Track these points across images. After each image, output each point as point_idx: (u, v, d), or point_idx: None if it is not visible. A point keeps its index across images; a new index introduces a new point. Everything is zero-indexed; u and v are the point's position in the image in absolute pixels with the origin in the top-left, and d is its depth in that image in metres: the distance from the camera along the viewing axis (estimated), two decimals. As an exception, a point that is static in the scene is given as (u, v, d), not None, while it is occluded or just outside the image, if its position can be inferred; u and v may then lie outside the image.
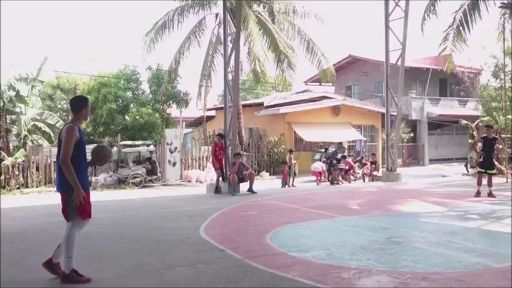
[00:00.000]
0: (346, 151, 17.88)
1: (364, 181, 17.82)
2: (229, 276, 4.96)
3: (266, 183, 18.59)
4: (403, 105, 22.17)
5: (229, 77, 14.75)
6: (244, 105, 23.86)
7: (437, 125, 30.56)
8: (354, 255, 5.70)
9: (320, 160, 19.47)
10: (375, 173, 17.91)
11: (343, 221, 8.31)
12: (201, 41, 22.68)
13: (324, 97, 25.74)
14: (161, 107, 25.97)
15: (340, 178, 17.66)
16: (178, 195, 14.24)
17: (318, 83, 33.54)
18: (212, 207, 10.29)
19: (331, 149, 20.03)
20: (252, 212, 9.89)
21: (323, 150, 20.60)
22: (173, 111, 27.66)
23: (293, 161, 17.76)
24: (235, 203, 11.06)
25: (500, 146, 10.93)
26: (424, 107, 29.97)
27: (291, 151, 18.50)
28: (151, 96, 26.34)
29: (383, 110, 20.37)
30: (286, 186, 16.88)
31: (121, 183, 17.98)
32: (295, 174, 17.76)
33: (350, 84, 34.79)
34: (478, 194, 11.34)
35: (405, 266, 5.21)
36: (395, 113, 17.53)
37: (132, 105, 25.51)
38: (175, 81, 24.83)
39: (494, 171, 11.55)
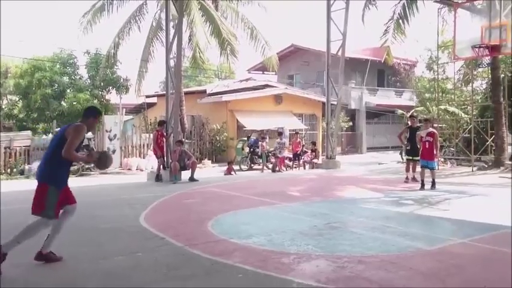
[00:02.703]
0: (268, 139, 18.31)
1: (304, 168, 18.17)
2: (169, 264, 4.90)
3: (208, 171, 18.51)
4: (343, 94, 22.74)
5: (172, 63, 14.48)
6: (186, 93, 23.52)
7: (375, 114, 31.64)
8: (294, 241, 5.81)
9: (242, 149, 19.64)
10: (315, 160, 18.30)
11: (284, 208, 8.44)
12: (141, 25, 22.07)
13: (267, 85, 25.86)
14: (100, 92, 25.10)
15: (282, 165, 17.88)
16: (117, 183, 13.88)
17: (261, 72, 33.70)
18: (153, 195, 10.12)
19: (253, 137, 20.19)
20: (194, 199, 9.83)
21: (245, 138, 20.72)
22: (113, 97, 26.79)
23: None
24: (176, 190, 10.95)
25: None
26: (362, 97, 30.91)
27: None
28: (89, 81, 25.39)
29: (324, 99, 20.77)
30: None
31: (56, 171, 17.23)
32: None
33: (292, 73, 35.20)
34: (407, 179, 12.15)
35: (342, 250, 5.37)
36: (335, 102, 17.96)
37: (68, 90, 24.47)
38: (115, 66, 24.06)
39: (419, 157, 12.22)
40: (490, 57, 15.77)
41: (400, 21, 17.26)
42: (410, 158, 12.33)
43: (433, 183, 10.80)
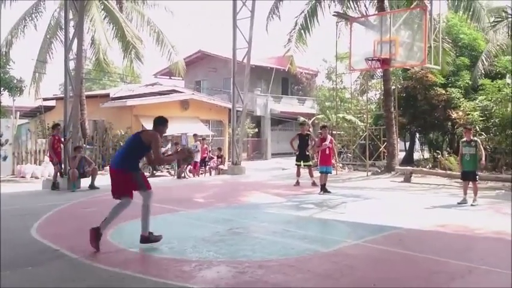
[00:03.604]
0: (170, 144, 18.29)
1: (210, 174, 18.18)
2: (63, 278, 4.66)
3: (111, 178, 17.83)
4: (249, 101, 23.15)
5: (72, 65, 13.79)
6: (88, 96, 22.47)
7: (279, 121, 32.56)
8: (196, 248, 5.79)
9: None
10: (221, 166, 18.38)
11: (187, 215, 8.39)
12: (38, 23, 20.78)
13: (174, 91, 25.54)
14: (-11, 94, 23.13)
15: (188, 171, 17.72)
16: (8, 192, 12.84)
17: (168, 77, 33.23)
18: (48, 204, 9.53)
19: None
20: (93, 208, 9.38)
21: None
22: (5, 99, 24.79)
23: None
24: (74, 199, 10.42)
25: (313, 143, 12.34)
26: (267, 104, 31.64)
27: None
28: (-23, 81, 23.30)
29: (230, 106, 20.99)
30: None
31: None
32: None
33: (199, 79, 35.14)
34: (297, 183, 12.73)
35: (244, 256, 5.45)
36: (241, 109, 18.22)
37: (-49, 91, 22.29)
38: (7, 66, 22.33)
39: (310, 162, 12.86)
40: (381, 70, 16.96)
41: (302, 31, 18.00)
42: (299, 163, 12.87)
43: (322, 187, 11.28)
